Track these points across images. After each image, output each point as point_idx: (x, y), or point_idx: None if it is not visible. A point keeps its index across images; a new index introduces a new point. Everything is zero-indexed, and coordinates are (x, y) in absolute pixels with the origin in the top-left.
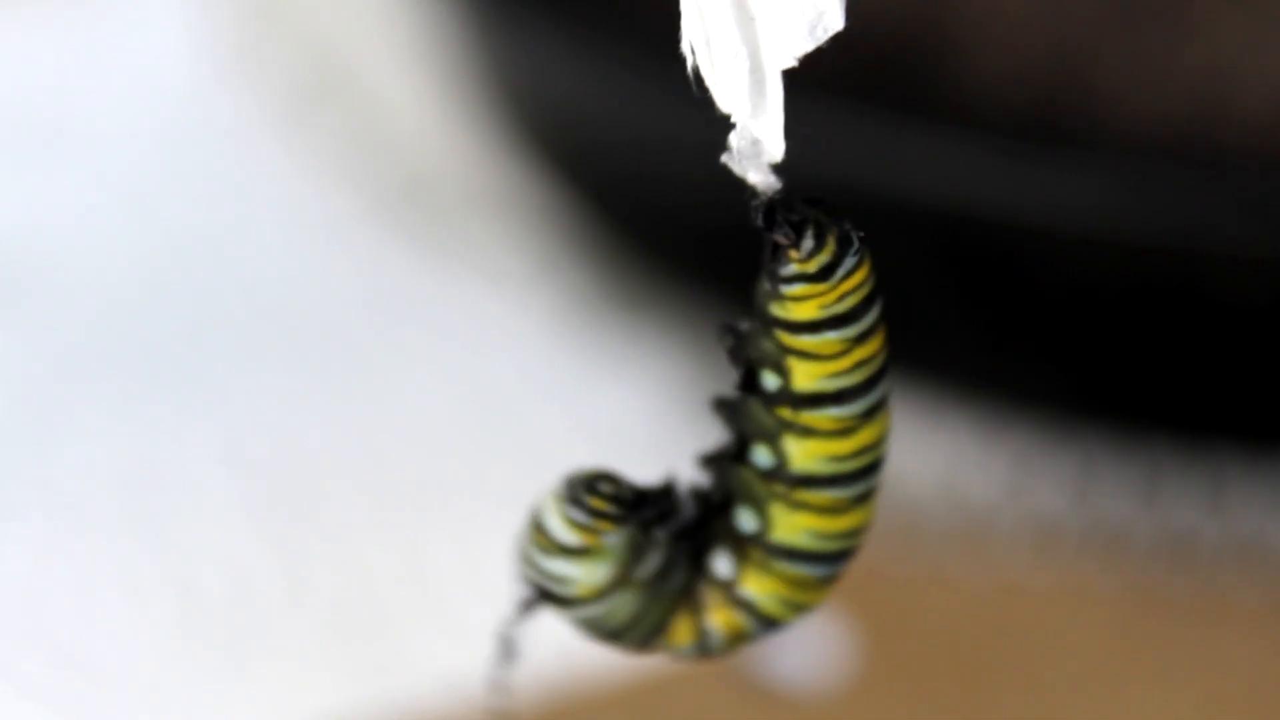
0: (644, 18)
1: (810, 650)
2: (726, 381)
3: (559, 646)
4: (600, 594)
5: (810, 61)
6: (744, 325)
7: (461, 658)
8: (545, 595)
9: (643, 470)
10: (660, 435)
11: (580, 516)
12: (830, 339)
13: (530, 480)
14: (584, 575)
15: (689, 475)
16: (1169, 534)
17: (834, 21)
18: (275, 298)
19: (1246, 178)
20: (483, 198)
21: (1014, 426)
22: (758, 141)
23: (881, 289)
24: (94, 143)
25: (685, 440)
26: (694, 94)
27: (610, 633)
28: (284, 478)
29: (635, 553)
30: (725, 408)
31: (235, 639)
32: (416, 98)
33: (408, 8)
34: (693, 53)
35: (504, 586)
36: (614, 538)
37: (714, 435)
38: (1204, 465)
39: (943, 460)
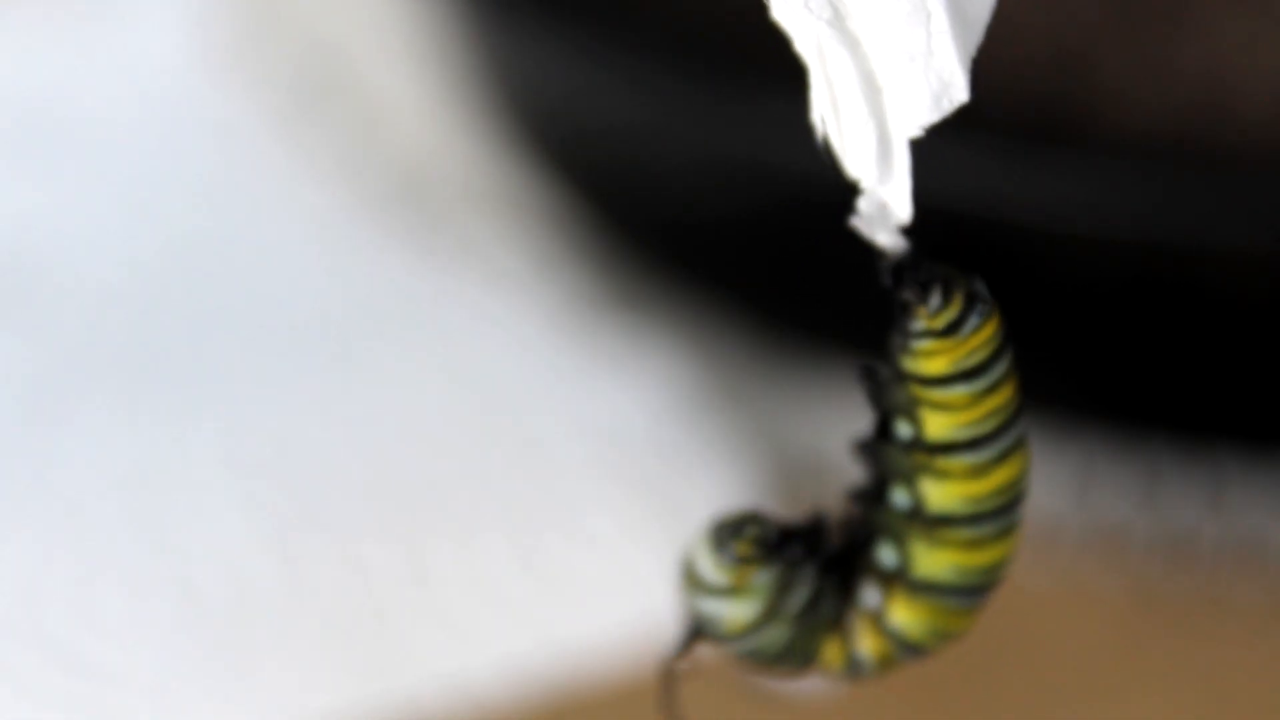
0: (644, 18)
1: None
2: (729, 383)
3: (559, 647)
4: (751, 629)
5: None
6: (882, 372)
7: (461, 658)
8: (700, 631)
9: (642, 470)
10: (660, 435)
11: (728, 559)
12: (961, 393)
13: (530, 480)
14: (734, 613)
15: (829, 506)
16: (1169, 534)
17: (959, 94)
18: (275, 297)
19: (1246, 177)
20: (483, 197)
21: None
22: (885, 205)
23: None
24: (93, 142)
25: (686, 439)
26: (706, 104)
27: (766, 662)
28: (284, 478)
29: (783, 587)
30: (864, 449)
31: (235, 639)
32: (416, 98)
33: (408, 8)
34: (823, 122)
35: (504, 586)
36: (762, 576)
37: (712, 438)
38: (1204, 465)
39: None
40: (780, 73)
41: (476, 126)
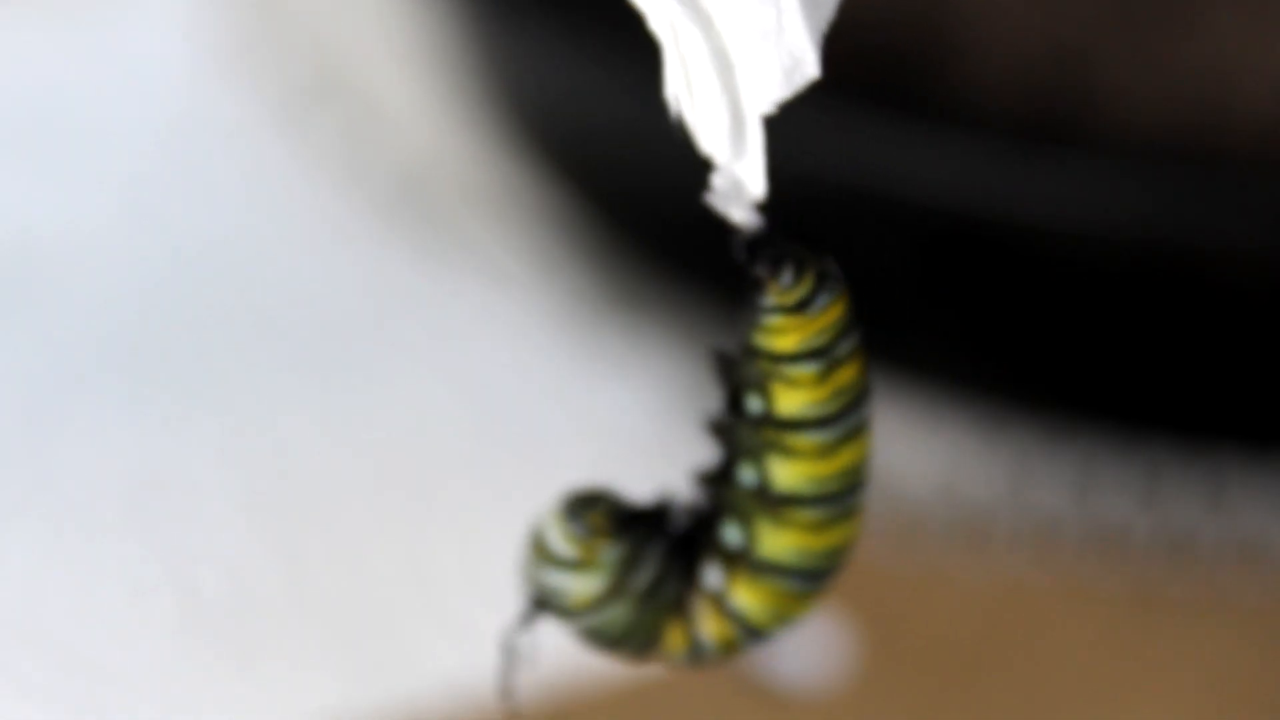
0: (644, 17)
1: (810, 650)
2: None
3: (560, 648)
4: (595, 605)
5: None
6: (731, 350)
7: (461, 658)
8: (544, 606)
9: (643, 469)
10: (660, 434)
11: (577, 532)
12: (809, 370)
13: (530, 479)
14: (579, 587)
15: (686, 482)
16: (1169, 534)
17: (810, 69)
18: (275, 297)
19: (1246, 177)
20: (483, 198)
21: (1014, 426)
22: (739, 182)
23: (882, 288)
24: (94, 143)
25: (685, 439)
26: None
27: (608, 643)
28: (284, 478)
29: (629, 566)
30: (716, 427)
31: (235, 639)
32: (416, 98)
33: (408, 8)
34: (676, 100)
35: (504, 586)
36: (610, 551)
37: (709, 443)
38: (1204, 465)
39: (943, 460)
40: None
41: (476, 126)
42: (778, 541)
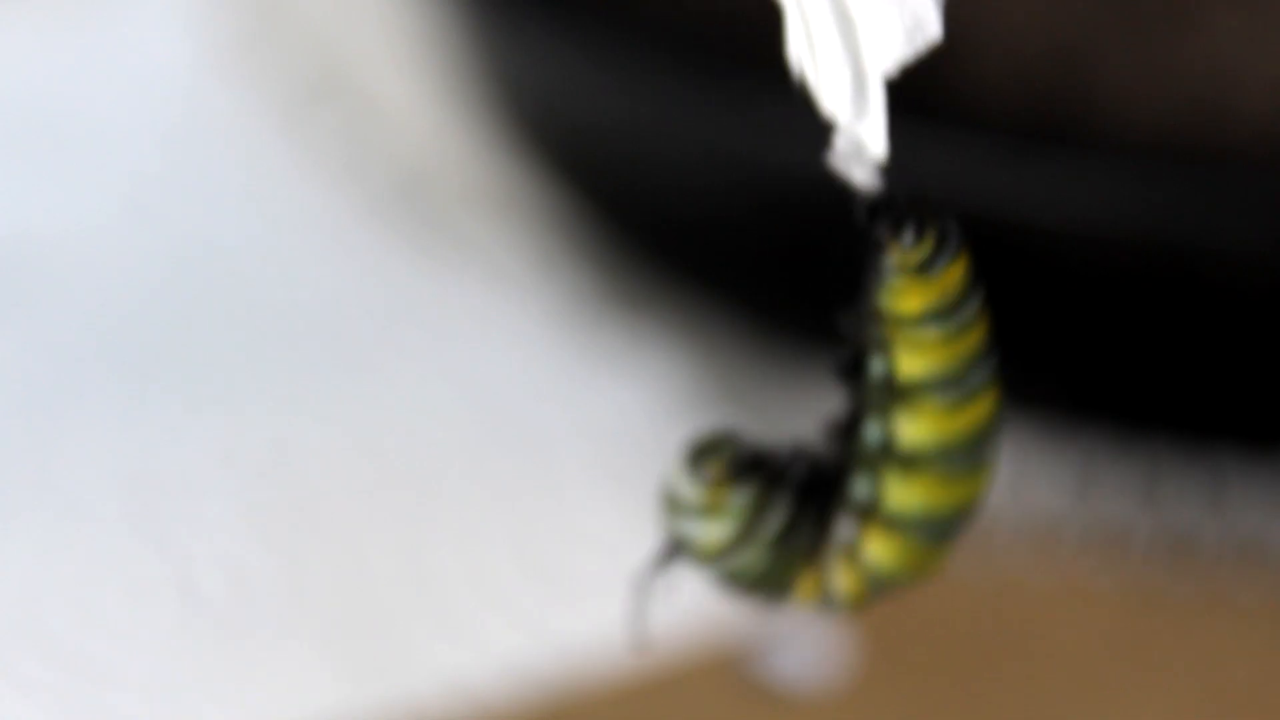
0: (644, 18)
1: (810, 650)
2: (728, 383)
3: (559, 647)
4: (725, 551)
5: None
6: (859, 309)
7: (461, 658)
8: (679, 551)
9: (643, 469)
10: (661, 434)
11: (704, 476)
12: (933, 332)
13: (530, 480)
14: (709, 533)
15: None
16: (1169, 534)
17: (931, 30)
18: (275, 297)
19: (1246, 177)
20: (483, 198)
21: (1014, 426)
22: (860, 143)
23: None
24: (93, 143)
25: (686, 439)
26: (709, 97)
27: (743, 588)
28: (284, 478)
29: (759, 509)
30: (845, 379)
31: (235, 639)
32: (416, 97)
33: (408, 8)
34: (797, 59)
35: (505, 586)
36: (738, 497)
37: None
38: (1204, 465)
39: None
40: (780, 73)
41: (476, 126)
42: (906, 495)
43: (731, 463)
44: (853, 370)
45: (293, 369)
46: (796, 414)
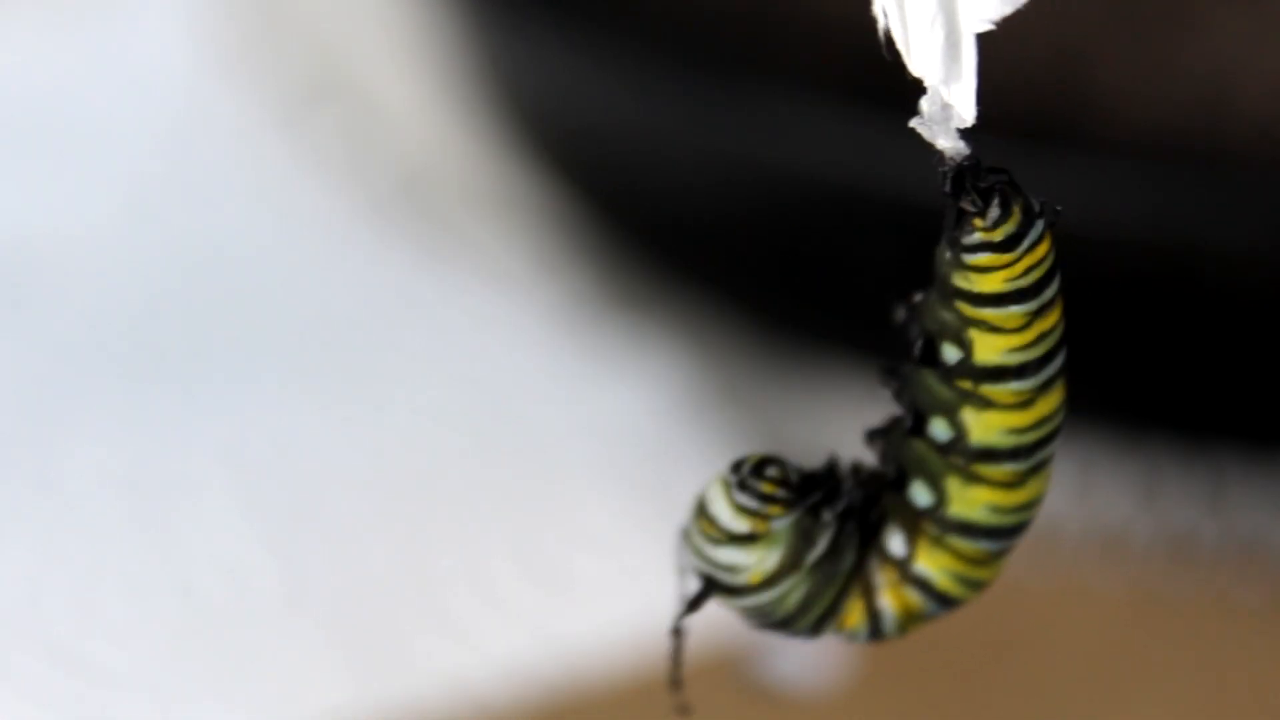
0: (644, 17)
1: (810, 650)
2: (729, 383)
3: (559, 647)
4: (771, 580)
5: (809, 61)
6: (918, 297)
7: (461, 658)
8: (714, 585)
9: (644, 469)
10: (661, 434)
11: (749, 502)
12: (1014, 312)
13: (530, 479)
14: (755, 562)
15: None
16: (1169, 534)
17: None
18: (275, 298)
19: (1246, 177)
20: (483, 198)
21: None
22: (949, 107)
23: (881, 288)
24: (94, 143)
25: (687, 439)
26: (706, 94)
27: (781, 620)
28: (284, 478)
29: (804, 536)
30: (896, 380)
31: (235, 639)
32: (416, 97)
33: (408, 8)
34: (885, 15)
35: (505, 586)
36: (782, 522)
37: (712, 438)
38: (1204, 465)
39: None
40: (780, 73)
41: (476, 126)
42: (970, 499)
43: (778, 483)
44: (923, 362)
45: (293, 369)
46: (796, 414)
